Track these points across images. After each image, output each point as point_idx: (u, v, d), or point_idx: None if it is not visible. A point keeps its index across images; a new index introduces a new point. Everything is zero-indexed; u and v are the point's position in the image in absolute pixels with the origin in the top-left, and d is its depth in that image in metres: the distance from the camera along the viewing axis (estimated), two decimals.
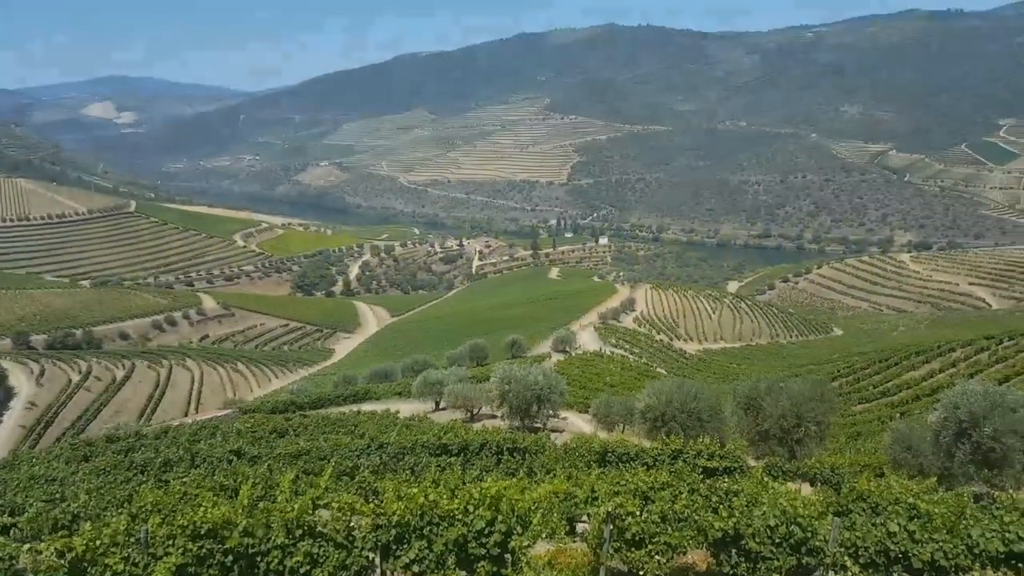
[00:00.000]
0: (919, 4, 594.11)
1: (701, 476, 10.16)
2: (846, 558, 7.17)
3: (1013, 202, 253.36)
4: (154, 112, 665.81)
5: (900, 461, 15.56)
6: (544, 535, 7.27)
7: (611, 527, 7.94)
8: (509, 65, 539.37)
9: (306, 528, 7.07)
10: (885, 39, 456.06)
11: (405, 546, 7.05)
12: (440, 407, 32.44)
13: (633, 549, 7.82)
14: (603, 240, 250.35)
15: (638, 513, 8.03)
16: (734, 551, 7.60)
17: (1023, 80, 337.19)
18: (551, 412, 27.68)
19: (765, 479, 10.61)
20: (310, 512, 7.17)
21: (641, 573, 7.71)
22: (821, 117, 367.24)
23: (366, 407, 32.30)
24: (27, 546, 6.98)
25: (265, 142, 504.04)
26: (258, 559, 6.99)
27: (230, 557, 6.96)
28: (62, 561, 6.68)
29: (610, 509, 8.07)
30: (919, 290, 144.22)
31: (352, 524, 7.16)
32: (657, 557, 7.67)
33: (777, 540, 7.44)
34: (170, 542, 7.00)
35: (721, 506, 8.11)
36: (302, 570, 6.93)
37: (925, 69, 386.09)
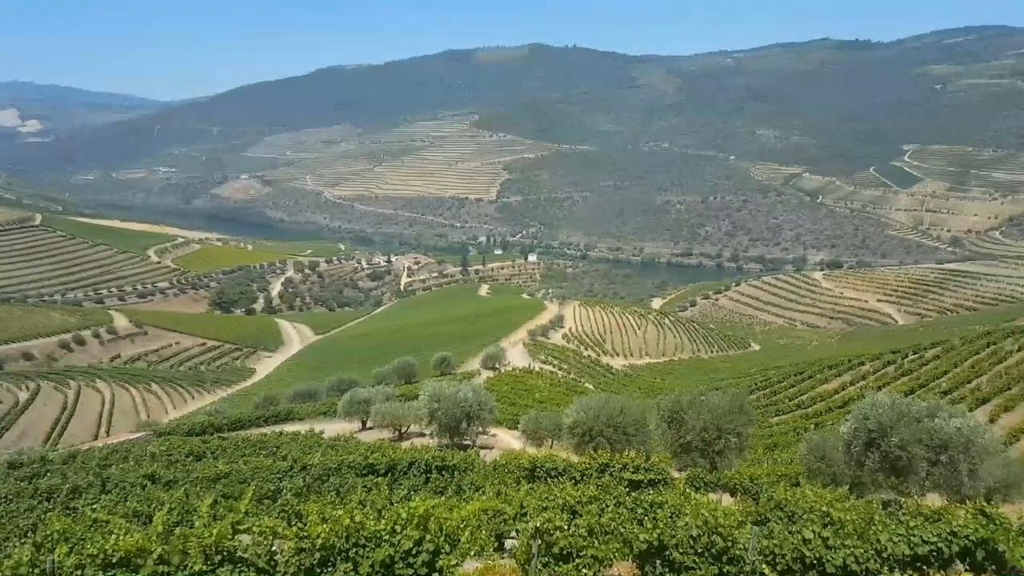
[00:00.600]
0: (831, 33, 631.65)
1: (627, 489, 10.34)
2: (764, 566, 7.41)
3: (917, 223, 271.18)
4: (62, 121, 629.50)
5: (814, 470, 16.26)
6: (473, 553, 7.23)
7: (539, 542, 7.96)
8: (437, 81, 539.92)
9: (225, 554, 6.77)
10: (799, 66, 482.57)
11: (330, 569, 6.85)
12: (367, 427, 31.80)
13: (561, 563, 7.85)
14: (532, 257, 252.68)
15: (566, 527, 8.08)
16: (659, 562, 7.74)
17: (924, 108, 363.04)
18: (481, 429, 27.55)
19: (688, 490, 10.90)
20: (230, 537, 6.87)
21: None
22: (739, 140, 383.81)
23: (289, 428, 31.33)
24: None
25: (182, 154, 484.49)
26: None
27: None
28: None
29: (538, 524, 8.09)
30: (831, 306, 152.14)
31: (274, 548, 6.91)
32: (584, 571, 7.73)
33: (700, 550, 7.63)
34: (79, 572, 6.57)
35: (646, 518, 8.26)
36: None
37: (836, 96, 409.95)
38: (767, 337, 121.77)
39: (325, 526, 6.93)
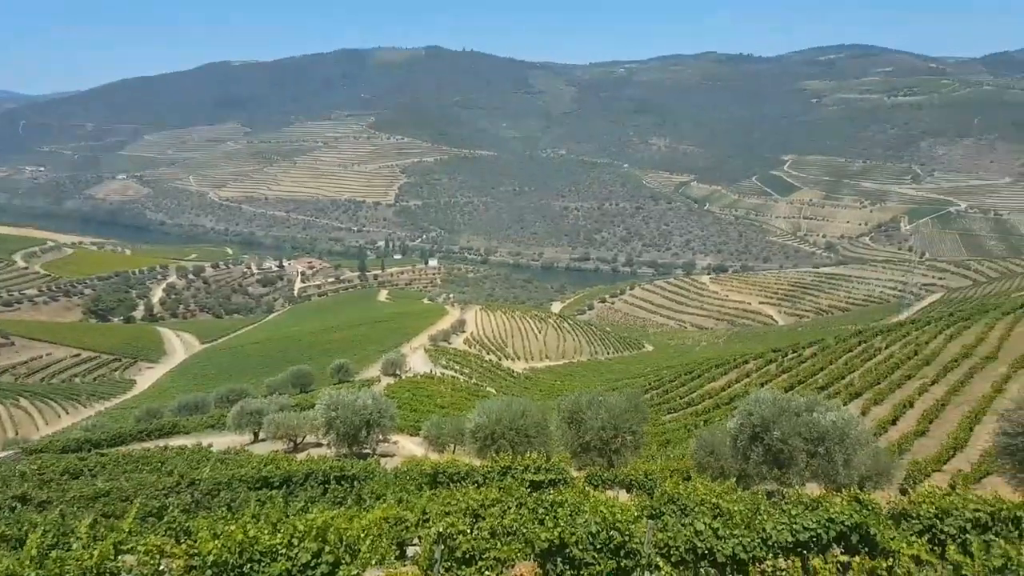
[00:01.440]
0: (716, 47, 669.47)
1: (529, 490, 10.46)
2: (659, 558, 7.69)
3: (795, 229, 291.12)
4: None
5: (704, 465, 17.06)
6: (374, 562, 7.08)
7: (442, 547, 7.92)
8: (331, 81, 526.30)
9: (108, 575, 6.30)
10: (687, 78, 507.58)
11: None
12: (260, 439, 30.51)
13: (463, 567, 7.84)
14: (433, 262, 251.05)
15: (468, 531, 8.08)
16: (559, 560, 7.87)
17: (802, 120, 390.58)
18: (381, 437, 27.10)
19: (587, 488, 11.16)
20: (112, 558, 6.39)
21: None
22: (633, 148, 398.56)
23: (175, 442, 29.55)
24: None
25: (51, 152, 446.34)
26: None
27: None
28: None
29: (441, 529, 8.04)
30: (717, 308, 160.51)
31: (162, 568, 6.49)
32: (487, 572, 7.75)
33: (598, 546, 7.82)
34: None
35: (547, 517, 8.38)
36: None
37: (721, 107, 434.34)
38: (660, 338, 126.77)
39: (216, 542, 6.58)
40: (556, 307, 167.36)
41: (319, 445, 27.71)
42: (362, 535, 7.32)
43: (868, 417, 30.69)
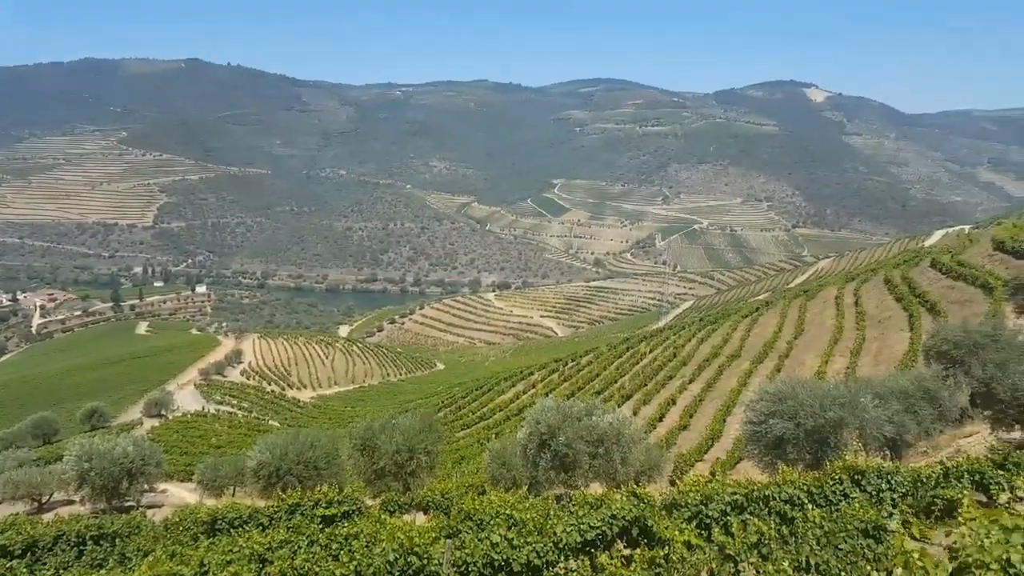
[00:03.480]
0: (488, 76, 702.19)
1: (321, 526, 9.91)
2: None
3: (567, 247, 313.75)
4: None
5: (498, 477, 17.48)
6: None
7: None
8: (74, 92, 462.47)
9: None
10: (462, 103, 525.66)
11: None
12: None
13: None
14: (201, 288, 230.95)
15: None
16: None
17: (568, 147, 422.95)
18: (147, 486, 24.12)
19: (383, 516, 10.84)
20: None
21: None
22: (414, 169, 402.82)
23: None
24: None
25: None
26: None
27: None
28: None
29: None
30: (503, 323, 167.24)
31: None
32: None
33: (397, 573, 7.61)
34: None
35: (342, 552, 7.99)
36: None
37: (496, 132, 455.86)
38: (451, 356, 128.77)
39: None
40: (344, 331, 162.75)
41: (71, 502, 23.99)
42: None
43: (639, 416, 33.77)
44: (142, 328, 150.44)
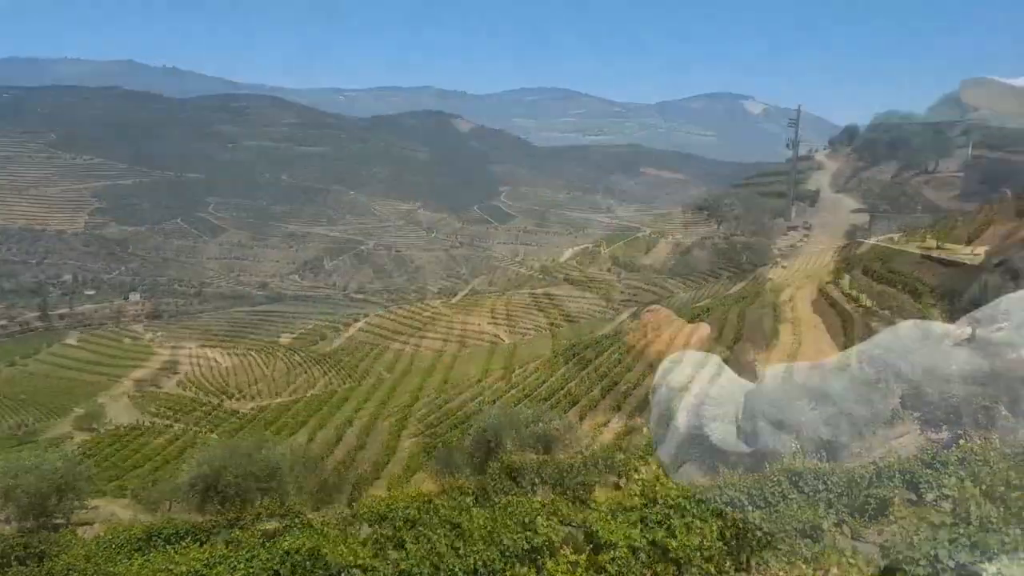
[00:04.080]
0: (432, 83, 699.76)
1: (262, 540, 9.76)
2: None
3: (514, 255, 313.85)
4: None
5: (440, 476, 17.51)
6: None
7: None
8: None
9: None
10: (407, 109, 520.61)
11: None
12: None
13: None
14: (135, 296, 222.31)
15: None
16: None
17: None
18: (78, 503, 23.19)
19: (326, 529, 10.74)
20: None
21: None
22: (360, 176, 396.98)
23: None
24: None
25: None
26: None
27: None
28: None
29: None
30: (449, 331, 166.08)
31: None
32: None
33: None
34: None
35: (282, 568, 7.90)
36: None
37: (435, 145, 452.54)
38: (399, 364, 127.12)
39: None
40: (286, 339, 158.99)
41: None
42: None
43: (585, 421, 33.99)
44: (72, 338, 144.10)
